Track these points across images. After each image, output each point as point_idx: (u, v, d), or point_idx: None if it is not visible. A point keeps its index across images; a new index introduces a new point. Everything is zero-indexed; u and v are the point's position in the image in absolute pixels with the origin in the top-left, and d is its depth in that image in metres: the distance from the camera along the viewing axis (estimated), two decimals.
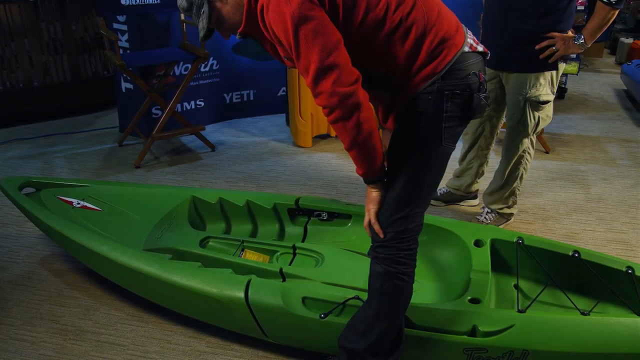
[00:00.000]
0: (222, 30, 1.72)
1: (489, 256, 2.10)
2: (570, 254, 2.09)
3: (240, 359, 2.06)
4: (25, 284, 2.49)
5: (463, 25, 1.70)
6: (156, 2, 3.73)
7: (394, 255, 1.67)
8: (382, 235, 1.68)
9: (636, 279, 1.99)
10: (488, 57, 1.73)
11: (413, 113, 1.64)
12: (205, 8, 1.64)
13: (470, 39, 1.67)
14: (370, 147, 1.61)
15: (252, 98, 4.60)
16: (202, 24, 1.67)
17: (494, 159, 3.34)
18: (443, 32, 1.61)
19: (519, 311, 1.84)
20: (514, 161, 2.71)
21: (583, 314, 1.85)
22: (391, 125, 1.81)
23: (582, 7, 4.04)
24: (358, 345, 1.73)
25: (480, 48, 1.68)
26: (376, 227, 1.71)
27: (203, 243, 2.38)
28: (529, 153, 2.71)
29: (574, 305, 1.92)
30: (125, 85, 4.11)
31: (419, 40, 1.60)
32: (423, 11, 1.61)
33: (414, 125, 1.64)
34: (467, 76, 1.62)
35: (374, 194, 1.71)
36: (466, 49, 1.63)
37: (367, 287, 1.76)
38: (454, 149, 1.71)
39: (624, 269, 2.01)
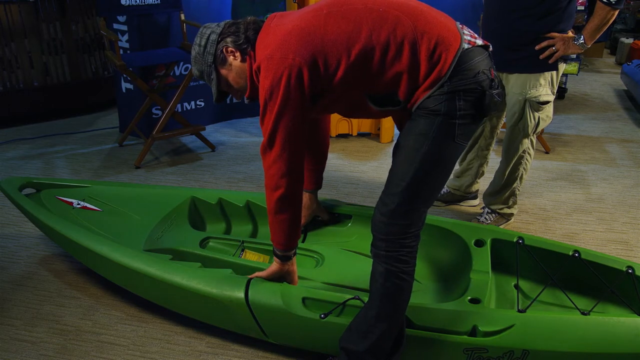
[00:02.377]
0: (233, 93, 1.91)
1: (489, 256, 2.10)
2: (571, 253, 2.09)
3: (240, 359, 2.06)
4: (25, 284, 2.49)
5: (457, 23, 1.71)
6: (156, 2, 3.73)
7: (396, 253, 1.67)
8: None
9: (636, 279, 1.99)
10: (491, 49, 1.73)
11: (426, 110, 1.64)
12: (213, 75, 1.84)
13: (468, 35, 1.67)
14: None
15: None
16: (213, 89, 1.87)
17: (494, 159, 3.34)
18: (436, 36, 1.62)
19: (519, 311, 1.84)
20: (514, 161, 2.71)
21: (583, 313, 1.85)
22: None
23: (582, 8, 4.04)
24: (359, 346, 1.73)
25: (479, 42, 1.68)
26: None
27: (203, 243, 2.38)
28: (529, 153, 2.71)
29: (574, 305, 1.92)
30: (125, 85, 4.11)
31: (414, 51, 1.62)
32: (409, 22, 1.63)
33: (427, 121, 1.64)
34: (477, 74, 1.62)
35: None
36: (465, 45, 1.63)
37: (367, 287, 1.76)
38: (466, 146, 1.72)
39: (624, 269, 2.01)
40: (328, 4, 1.71)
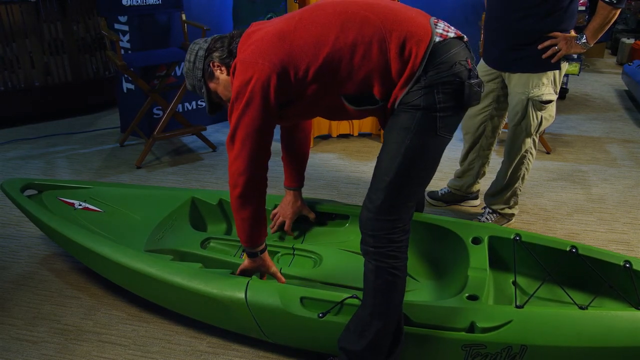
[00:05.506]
0: (225, 104, 1.99)
1: (487, 253, 2.10)
2: (568, 249, 2.09)
3: (241, 359, 2.07)
4: (26, 284, 2.49)
5: (430, 17, 1.72)
6: (157, 2, 3.74)
7: (384, 249, 1.68)
8: None
9: (634, 273, 1.99)
10: (466, 40, 1.73)
11: (406, 106, 1.66)
12: (204, 89, 1.93)
13: (441, 29, 1.68)
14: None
15: None
16: (206, 101, 1.96)
17: (495, 160, 3.34)
18: (404, 32, 1.64)
19: (517, 307, 1.84)
20: (516, 161, 2.71)
21: (581, 308, 1.85)
22: None
23: (583, 8, 4.04)
24: (357, 345, 1.74)
25: (452, 34, 1.69)
26: None
27: (204, 244, 2.38)
28: (531, 153, 2.71)
29: (572, 300, 1.92)
30: (126, 85, 4.12)
31: (384, 50, 1.64)
32: (377, 22, 1.65)
33: (408, 116, 1.66)
34: (454, 66, 1.63)
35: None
36: (437, 39, 1.64)
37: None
38: (450, 138, 1.73)
39: (621, 263, 2.02)
40: (302, 10, 1.77)
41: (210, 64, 1.89)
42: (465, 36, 1.73)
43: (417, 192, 1.75)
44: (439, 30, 1.66)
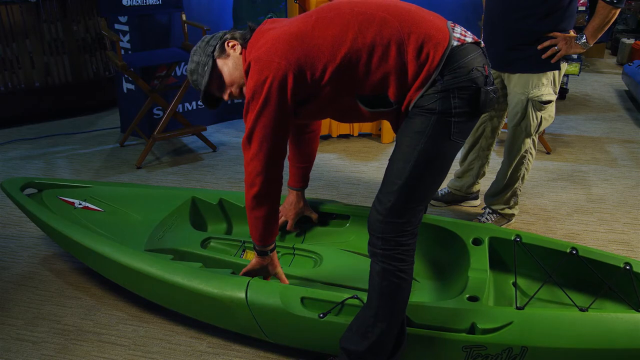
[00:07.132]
0: (224, 90, 1.93)
1: (487, 254, 2.10)
2: (568, 251, 2.09)
3: (241, 359, 2.07)
4: (26, 284, 2.49)
5: (448, 22, 1.72)
6: (157, 2, 3.74)
7: (392, 251, 1.68)
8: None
9: (634, 275, 1.99)
10: (483, 46, 1.73)
11: (421, 109, 1.65)
12: (208, 66, 1.87)
13: (458, 33, 1.68)
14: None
15: None
16: (205, 79, 1.88)
17: (495, 160, 3.34)
18: (422, 35, 1.63)
19: (518, 308, 1.84)
20: (515, 161, 2.71)
21: (581, 310, 1.85)
22: None
23: (583, 8, 4.04)
24: (359, 346, 1.73)
25: (469, 39, 1.68)
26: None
27: (204, 244, 2.38)
28: (530, 153, 2.71)
29: (572, 301, 1.92)
30: (126, 85, 4.12)
31: (401, 52, 1.63)
32: (396, 23, 1.65)
33: (423, 119, 1.65)
34: (471, 72, 1.63)
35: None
36: (455, 43, 1.64)
37: (365, 287, 1.77)
38: (462, 144, 1.73)
39: (621, 265, 2.02)
40: (317, 10, 1.76)
41: (226, 43, 1.88)
42: (482, 42, 1.73)
43: (428, 196, 1.74)
44: (457, 35, 1.66)
